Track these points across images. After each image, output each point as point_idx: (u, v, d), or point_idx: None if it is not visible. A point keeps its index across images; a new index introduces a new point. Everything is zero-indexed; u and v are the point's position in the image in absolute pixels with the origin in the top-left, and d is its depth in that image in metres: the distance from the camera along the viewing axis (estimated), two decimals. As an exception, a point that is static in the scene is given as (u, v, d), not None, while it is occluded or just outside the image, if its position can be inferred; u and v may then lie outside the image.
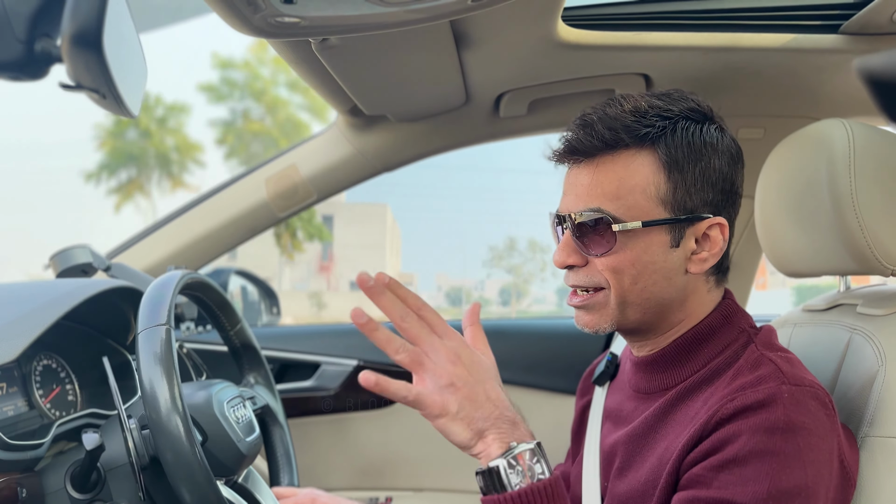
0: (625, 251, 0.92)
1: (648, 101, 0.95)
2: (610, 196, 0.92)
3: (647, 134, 0.92)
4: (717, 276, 0.99)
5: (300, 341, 1.87)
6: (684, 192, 0.92)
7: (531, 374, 1.83)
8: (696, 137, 0.93)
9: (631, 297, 0.94)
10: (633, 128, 0.92)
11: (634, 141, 0.92)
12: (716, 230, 0.94)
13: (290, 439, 1.29)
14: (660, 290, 0.94)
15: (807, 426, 0.82)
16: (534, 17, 1.13)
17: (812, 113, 1.47)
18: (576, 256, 0.96)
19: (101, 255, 1.47)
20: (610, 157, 0.93)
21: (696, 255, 0.94)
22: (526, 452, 0.82)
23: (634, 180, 0.92)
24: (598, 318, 0.97)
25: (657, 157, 0.92)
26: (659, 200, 0.92)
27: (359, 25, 0.88)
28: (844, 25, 1.25)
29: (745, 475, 0.81)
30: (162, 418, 0.87)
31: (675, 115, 0.94)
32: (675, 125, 0.93)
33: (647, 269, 0.93)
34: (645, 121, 0.92)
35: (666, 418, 0.95)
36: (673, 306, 0.96)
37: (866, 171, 0.96)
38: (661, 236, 0.93)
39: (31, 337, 0.97)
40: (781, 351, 0.93)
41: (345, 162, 1.64)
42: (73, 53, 0.60)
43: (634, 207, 0.92)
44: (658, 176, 0.92)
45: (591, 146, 0.93)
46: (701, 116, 0.95)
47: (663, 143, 0.92)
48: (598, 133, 0.93)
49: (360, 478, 1.85)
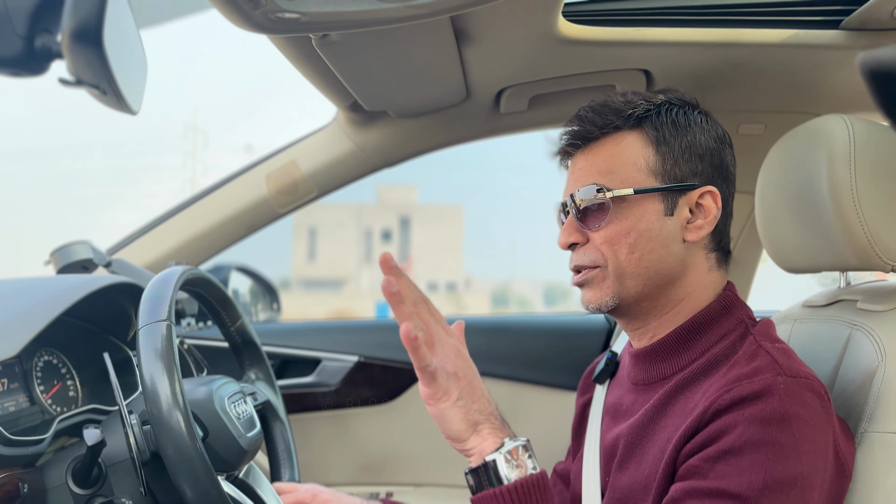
0: (620, 220, 0.97)
1: (636, 92, 1.03)
2: (603, 171, 0.99)
3: (632, 114, 0.99)
4: (717, 253, 1.01)
5: (301, 337, 1.87)
6: (672, 163, 0.98)
7: (532, 370, 1.83)
8: (681, 117, 1.00)
9: (629, 268, 0.97)
10: (621, 110, 0.99)
11: (623, 122, 0.99)
12: (708, 199, 0.98)
13: (291, 435, 1.29)
14: (657, 258, 0.97)
15: (802, 417, 0.82)
16: (534, 12, 1.13)
17: (813, 108, 1.47)
18: (577, 234, 1.01)
19: (101, 251, 1.47)
20: (602, 140, 1.00)
21: (692, 223, 0.98)
22: (520, 448, 0.86)
23: (625, 155, 0.98)
24: (599, 293, 0.99)
25: (645, 134, 0.99)
26: (649, 171, 0.98)
27: (359, 21, 0.88)
28: (845, 21, 1.24)
29: (740, 465, 0.81)
30: (163, 414, 0.88)
31: (660, 100, 1.01)
32: (659, 108, 1.00)
33: (643, 237, 0.96)
34: (632, 104, 1.00)
35: (665, 410, 0.95)
36: (672, 278, 0.98)
37: (867, 167, 0.96)
38: (655, 204, 0.97)
39: (32, 333, 0.98)
40: (778, 342, 0.93)
41: (345, 158, 1.64)
42: (74, 49, 0.60)
43: (627, 179, 0.98)
44: (647, 150, 0.98)
45: (585, 132, 1.01)
46: (684, 104, 1.02)
47: (650, 122, 0.99)
48: (589, 119, 1.00)
49: (361, 473, 1.86)
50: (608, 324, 1.87)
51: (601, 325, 1.87)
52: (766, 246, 1.15)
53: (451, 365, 0.87)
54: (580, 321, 1.92)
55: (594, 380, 1.17)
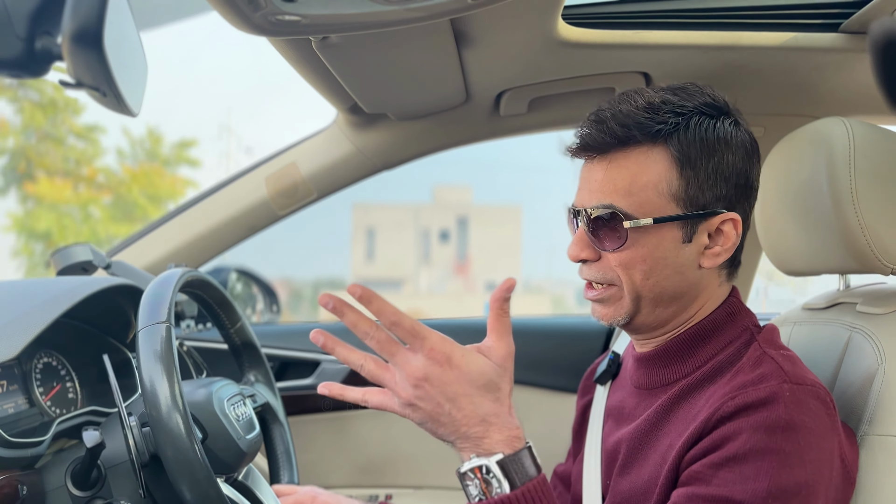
0: (636, 247, 0.93)
1: (662, 96, 0.95)
2: (622, 192, 0.93)
3: (659, 131, 0.92)
4: (728, 269, 0.99)
5: (300, 339, 1.87)
6: (696, 189, 0.92)
7: (531, 372, 1.83)
8: (710, 133, 0.93)
9: (644, 292, 0.95)
10: (646, 125, 0.92)
11: (647, 138, 0.92)
12: (729, 225, 0.94)
13: (291, 437, 1.29)
14: (672, 284, 0.94)
15: (807, 425, 0.82)
16: (534, 15, 1.13)
17: (812, 111, 1.47)
18: (589, 251, 0.97)
19: (101, 253, 1.47)
20: (622, 154, 0.94)
21: (709, 249, 0.95)
22: (483, 467, 0.81)
23: (646, 177, 0.92)
24: (614, 312, 0.97)
25: (669, 154, 0.92)
26: (671, 196, 0.92)
27: (359, 24, 0.88)
28: (845, 24, 1.25)
29: (744, 473, 0.81)
30: (162, 416, 0.87)
31: (688, 110, 0.94)
32: (688, 121, 0.93)
33: (659, 265, 0.93)
34: (658, 117, 0.92)
35: (669, 415, 0.95)
36: (686, 300, 0.96)
37: (866, 170, 0.96)
38: (674, 232, 0.93)
39: (31, 335, 0.98)
40: (783, 349, 0.93)
41: (345, 160, 1.64)
42: (74, 51, 0.60)
43: (646, 204, 0.92)
44: (670, 172, 0.92)
45: (604, 142, 0.94)
46: (716, 111, 0.95)
47: (676, 139, 0.92)
48: (610, 130, 0.93)
49: (360, 476, 1.85)
50: (608, 326, 1.87)
51: (601, 327, 1.87)
52: (766, 249, 1.15)
53: (406, 397, 0.81)
54: (580, 323, 1.92)
55: (596, 380, 1.17)
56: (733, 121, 0.96)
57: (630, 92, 0.97)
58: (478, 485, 0.81)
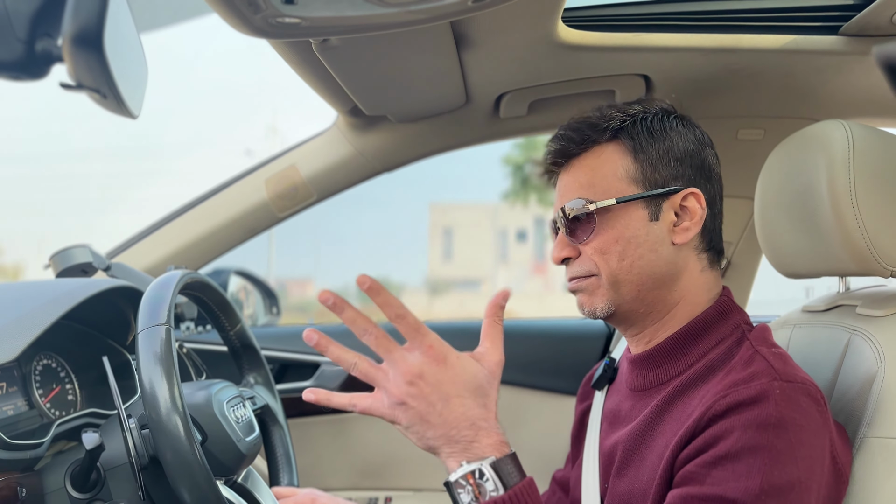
0: (606, 230, 0.98)
1: (612, 105, 1.05)
2: (586, 185, 1.01)
3: (608, 127, 1.01)
4: (709, 253, 1.02)
5: (300, 341, 1.86)
6: (651, 169, 0.99)
7: (531, 375, 1.83)
8: (656, 124, 1.01)
9: (621, 276, 0.98)
10: (597, 124, 1.01)
11: (599, 135, 1.01)
12: (692, 200, 0.99)
13: (290, 439, 1.29)
14: (647, 263, 0.98)
15: (798, 422, 0.82)
16: (534, 17, 1.14)
17: (812, 114, 1.47)
18: (568, 249, 1.02)
19: (100, 255, 1.47)
20: (582, 156, 1.03)
21: (678, 226, 0.99)
22: (476, 471, 0.81)
23: (605, 168, 1.00)
24: (594, 299, 1.01)
25: (622, 145, 1.00)
26: (630, 179, 0.99)
27: (359, 26, 0.88)
28: (844, 27, 1.25)
29: (737, 471, 0.81)
30: (162, 418, 0.87)
31: (635, 111, 1.03)
32: (634, 118, 1.02)
33: (631, 244, 0.98)
34: (607, 118, 1.01)
35: (663, 416, 0.95)
36: (665, 281, 0.99)
37: (866, 173, 0.96)
38: (639, 211, 0.98)
39: (31, 336, 0.98)
40: (774, 347, 0.93)
41: (345, 162, 1.64)
42: (74, 53, 0.60)
43: (609, 190, 0.99)
44: (625, 159, 1.00)
45: (564, 149, 1.03)
46: (661, 111, 1.03)
47: (626, 132, 1.01)
48: (567, 136, 1.03)
49: (360, 478, 1.85)
50: (607, 329, 1.87)
51: (600, 330, 1.87)
52: (766, 251, 1.15)
53: (399, 395, 0.82)
54: (579, 326, 1.92)
55: (592, 386, 1.17)
56: (679, 118, 1.04)
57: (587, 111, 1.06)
58: (470, 491, 0.81)
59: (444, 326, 2.04)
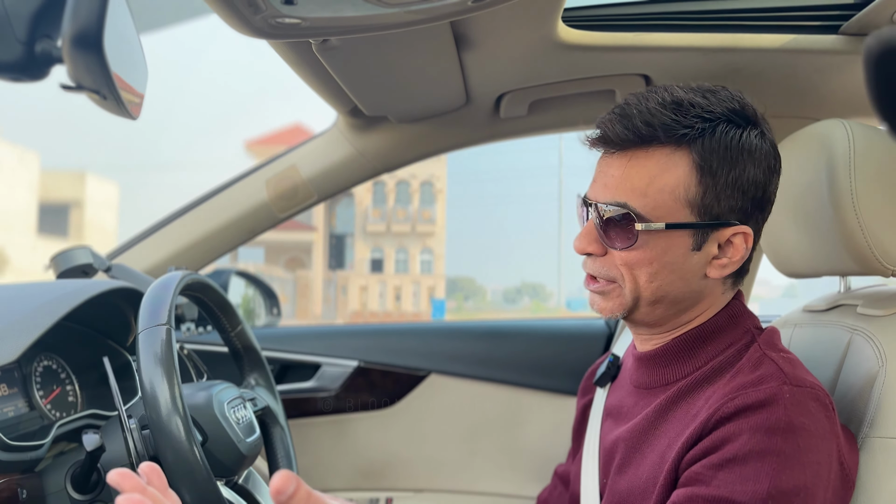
0: (645, 249, 0.92)
1: (691, 97, 0.92)
2: (638, 192, 0.91)
3: (684, 135, 0.90)
4: (734, 279, 0.98)
5: (300, 342, 1.87)
6: (713, 198, 0.91)
7: (532, 375, 1.83)
8: (734, 143, 0.90)
9: (645, 294, 0.94)
10: (671, 126, 0.90)
11: (670, 140, 0.90)
12: (739, 238, 0.92)
13: (291, 440, 1.29)
14: (675, 290, 0.94)
15: (807, 427, 0.82)
16: (534, 17, 1.13)
17: (812, 113, 1.47)
18: (595, 245, 0.96)
19: (101, 256, 1.47)
20: (644, 153, 0.92)
21: (717, 260, 0.93)
22: None
23: (664, 180, 0.90)
24: (612, 306, 0.97)
25: (691, 159, 0.90)
26: (686, 203, 0.91)
27: (359, 26, 0.88)
28: (844, 26, 1.25)
29: (744, 474, 0.81)
30: (162, 419, 0.87)
31: (715, 116, 0.91)
32: (714, 128, 0.91)
33: (665, 269, 0.93)
34: (684, 120, 0.90)
35: (667, 415, 0.95)
36: (686, 305, 0.96)
37: (866, 172, 0.96)
38: (684, 239, 0.92)
39: (31, 338, 0.98)
40: (783, 352, 0.93)
41: (345, 163, 1.64)
42: (74, 54, 0.60)
43: (661, 207, 0.91)
44: (689, 178, 0.90)
45: (626, 139, 0.92)
46: (743, 120, 0.93)
47: (700, 144, 0.90)
48: (634, 127, 0.91)
49: (361, 479, 1.85)
50: (608, 329, 1.87)
51: (601, 329, 1.87)
52: (766, 250, 1.15)
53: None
54: (580, 326, 1.92)
55: (595, 383, 1.17)
56: (760, 132, 0.93)
57: (659, 88, 0.94)
58: None
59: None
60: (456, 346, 1.88)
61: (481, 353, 1.86)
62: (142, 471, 0.73)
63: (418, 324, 2.12)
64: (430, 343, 1.88)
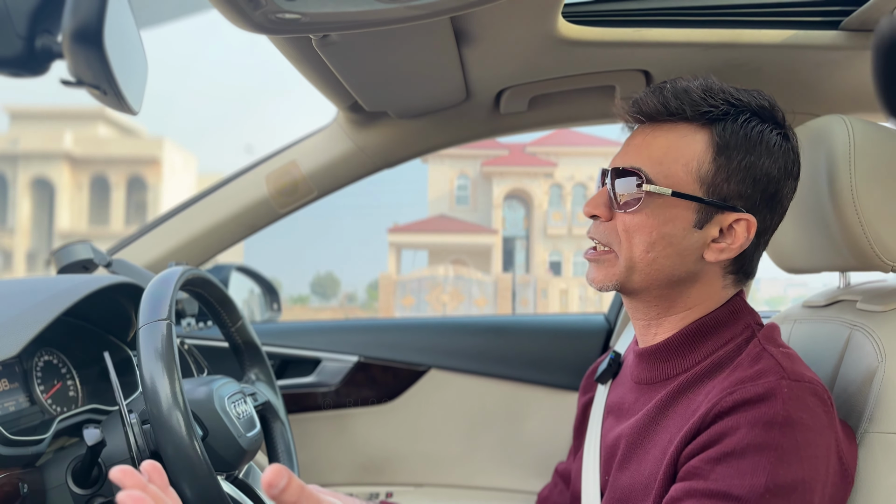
0: (647, 214, 0.94)
1: (724, 86, 0.96)
2: (654, 160, 0.94)
3: (708, 112, 0.93)
4: (736, 276, 0.98)
5: (301, 337, 1.88)
6: (723, 178, 0.93)
7: (532, 370, 1.84)
8: (755, 132, 0.93)
9: (640, 265, 0.95)
10: (698, 103, 0.94)
11: (696, 116, 0.94)
12: (742, 226, 0.93)
13: (291, 435, 1.29)
14: (670, 264, 0.95)
15: (805, 422, 0.82)
16: (534, 13, 1.13)
17: (812, 109, 1.47)
18: (603, 209, 0.97)
19: (102, 252, 1.47)
20: (668, 126, 0.96)
21: (716, 243, 0.94)
22: None
23: (681, 151, 0.94)
24: (605, 275, 0.98)
25: (710, 138, 0.93)
26: (697, 177, 0.93)
27: (359, 22, 0.88)
28: (845, 21, 1.25)
29: (742, 468, 0.81)
30: (163, 413, 0.88)
31: (743, 105, 0.94)
32: (739, 114, 0.94)
33: (663, 241, 0.94)
34: (711, 100, 0.94)
35: (668, 410, 0.95)
36: (680, 287, 0.96)
37: (866, 168, 0.96)
38: (687, 213, 0.93)
39: (32, 333, 0.98)
40: (783, 347, 0.93)
41: (345, 158, 1.64)
42: (74, 49, 0.60)
43: (672, 176, 0.93)
44: (705, 155, 0.93)
45: (655, 109, 0.96)
46: (770, 117, 0.95)
47: (721, 126, 0.93)
48: (664, 98, 0.95)
49: (361, 473, 1.86)
50: (607, 324, 1.88)
51: (600, 325, 1.87)
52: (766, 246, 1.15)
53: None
54: (579, 321, 1.92)
55: (596, 380, 1.17)
56: (784, 133, 0.95)
57: (693, 77, 0.98)
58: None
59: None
60: (456, 341, 1.88)
61: (481, 349, 1.86)
62: (143, 468, 0.73)
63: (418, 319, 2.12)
64: (430, 338, 1.89)
